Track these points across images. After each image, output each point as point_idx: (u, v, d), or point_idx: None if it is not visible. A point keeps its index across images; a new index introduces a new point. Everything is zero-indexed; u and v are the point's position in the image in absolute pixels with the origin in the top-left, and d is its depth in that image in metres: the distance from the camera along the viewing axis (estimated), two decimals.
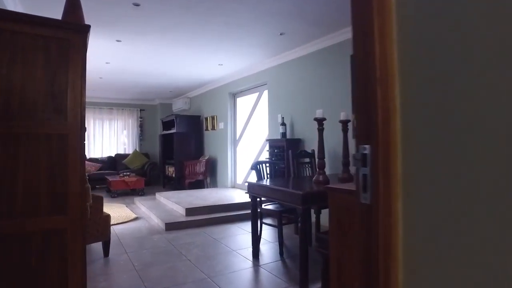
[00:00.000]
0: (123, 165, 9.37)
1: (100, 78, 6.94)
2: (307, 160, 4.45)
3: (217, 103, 7.77)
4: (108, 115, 9.91)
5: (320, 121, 3.26)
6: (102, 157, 9.59)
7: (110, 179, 7.45)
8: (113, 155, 9.73)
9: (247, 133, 6.98)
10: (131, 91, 8.59)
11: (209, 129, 8.14)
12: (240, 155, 7.22)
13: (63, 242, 1.88)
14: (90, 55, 5.65)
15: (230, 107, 7.35)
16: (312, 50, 4.89)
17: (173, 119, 8.16)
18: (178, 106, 9.44)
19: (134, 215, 5.34)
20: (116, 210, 5.73)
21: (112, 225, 4.81)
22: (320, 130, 3.27)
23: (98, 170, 8.98)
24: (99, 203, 3.36)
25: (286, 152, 4.96)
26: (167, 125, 8.81)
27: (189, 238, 4.17)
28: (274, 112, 5.76)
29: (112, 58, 5.53)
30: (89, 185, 2.58)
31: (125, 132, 10.18)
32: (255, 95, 6.66)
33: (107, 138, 9.91)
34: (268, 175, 3.96)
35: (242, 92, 7.08)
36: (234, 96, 7.37)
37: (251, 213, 3.42)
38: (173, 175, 8.19)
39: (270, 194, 3.03)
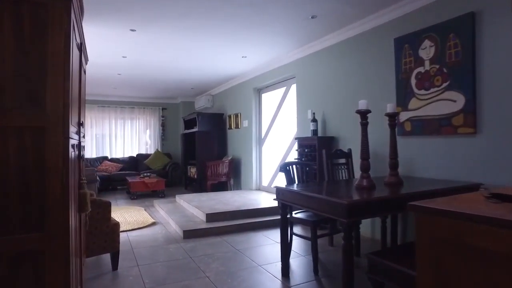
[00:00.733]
0: (144, 166, 9.09)
1: (119, 74, 6.62)
2: (343, 160, 3.89)
3: (241, 99, 7.30)
4: (130, 114, 9.65)
5: (363, 114, 2.69)
6: (123, 157, 9.35)
7: (129, 180, 7.13)
8: (135, 155, 9.47)
9: (273, 131, 6.46)
10: (152, 88, 8.27)
11: (232, 127, 7.67)
12: (266, 155, 6.70)
13: (37, 269, 1.43)
14: (105, 49, 5.34)
15: (255, 104, 6.86)
16: (348, 36, 4.30)
17: (195, 117, 7.75)
18: (201, 104, 9.05)
19: (151, 220, 4.94)
20: (133, 214, 5.36)
21: (127, 231, 4.43)
22: (364, 125, 2.70)
23: (119, 171, 8.72)
24: (106, 209, 2.94)
25: (318, 152, 4.41)
26: (189, 123, 8.43)
27: (209, 248, 3.69)
28: (304, 108, 5.20)
29: (129, 51, 5.15)
30: (87, 191, 2.15)
31: (148, 131, 9.90)
32: (282, 90, 6.13)
33: (128, 137, 9.66)
34: (299, 178, 3.42)
35: (268, 88, 6.57)
36: (259, 92, 6.87)
37: (280, 224, 2.90)
38: (195, 176, 7.79)
39: (304, 202, 2.49)
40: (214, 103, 8.88)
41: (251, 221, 4.54)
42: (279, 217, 2.93)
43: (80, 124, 2.13)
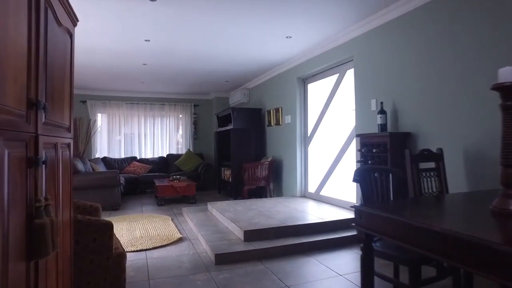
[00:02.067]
0: (175, 167, 8.34)
1: (144, 64, 5.85)
2: (431, 165, 2.78)
3: (282, 92, 6.31)
4: (160, 111, 8.96)
5: (508, 91, 1.61)
6: (153, 158, 8.66)
7: (156, 183, 6.36)
8: (165, 156, 8.75)
9: (322, 128, 5.41)
10: (182, 82, 7.48)
11: (272, 124, 6.70)
12: (313, 156, 5.67)
13: None
14: (124, 31, 4.46)
15: (299, 96, 5.84)
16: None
17: (230, 113, 6.86)
18: (236, 99, 8.17)
19: (177, 235, 4.08)
20: (157, 225, 4.53)
21: (147, 249, 3.58)
22: (508, 109, 1.62)
23: (147, 172, 8.03)
24: (105, 234, 2.07)
25: (390, 153, 3.33)
26: (223, 120, 7.56)
27: (248, 283, 2.74)
28: (365, 97, 4.13)
29: (152, 33, 4.33)
30: (49, 220, 1.26)
31: (180, 130, 9.16)
32: (334, 77, 5.07)
33: (158, 136, 8.97)
34: (379, 192, 2.36)
35: (315, 76, 5.53)
36: (304, 82, 5.84)
37: (362, 263, 1.87)
38: (230, 180, 6.90)
39: (416, 238, 1.45)
40: (251, 97, 7.96)
41: (300, 241, 3.54)
42: (334, 236, 1.95)
43: (34, 106, 1.25)
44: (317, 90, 5.56)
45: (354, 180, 2.24)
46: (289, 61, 5.82)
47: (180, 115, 9.17)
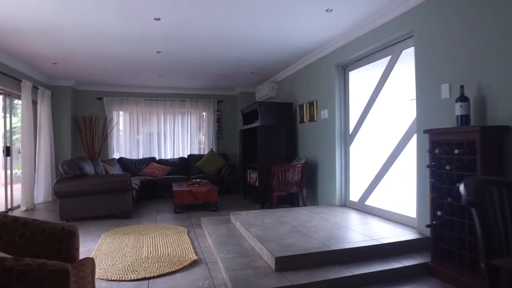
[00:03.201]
0: (196, 169, 7.61)
1: (158, 52, 5.11)
2: None
3: (318, 82, 5.40)
4: (180, 108, 8.25)
5: None
6: (173, 159, 7.97)
7: (174, 188, 5.62)
8: (186, 156, 8.04)
9: (368, 123, 4.46)
10: (203, 74, 6.71)
11: (305, 120, 5.81)
12: (356, 157, 4.73)
13: None
14: (127, 6, 3.46)
15: (339, 87, 4.91)
16: None
17: (256, 108, 6.02)
18: (263, 93, 7.33)
19: (191, 256, 3.28)
20: (170, 240, 3.76)
21: (151, 278, 2.80)
22: None
23: (166, 174, 7.34)
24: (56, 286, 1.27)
25: (481, 154, 2.37)
26: (248, 117, 6.73)
27: None
28: (433, 82, 3.17)
29: (162, 9, 3.57)
30: None
31: (203, 128, 8.43)
32: (383, 61, 4.12)
33: (178, 135, 8.27)
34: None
35: (359, 61, 4.59)
36: (344, 69, 4.91)
37: None
38: (257, 184, 6.07)
39: None
40: (280, 91, 7.09)
41: (350, 272, 2.64)
42: (395, 265, 1.55)
43: None
44: (361, 79, 4.61)
45: (467, 202, 1.33)
46: (326, 44, 4.90)
47: (203, 112, 8.44)
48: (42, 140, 6.55)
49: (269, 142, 5.90)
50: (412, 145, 3.53)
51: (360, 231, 3.43)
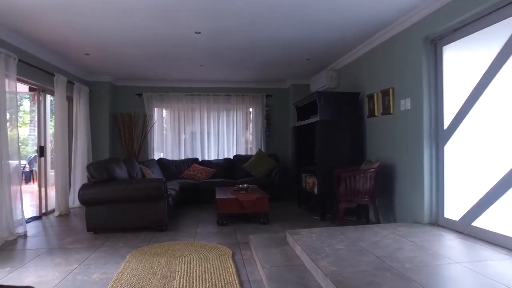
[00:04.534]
0: (243, 171, 6.74)
1: (197, 33, 4.27)
2: None
3: (395, 65, 4.26)
4: (225, 104, 7.44)
5: None
6: (217, 160, 7.17)
7: (217, 196, 4.76)
8: (231, 157, 7.21)
9: (475, 115, 3.25)
10: (250, 62, 5.80)
11: (376, 113, 4.67)
12: (455, 160, 3.53)
13: None
14: None
15: (427, 67, 3.74)
16: None
17: (315, 100, 4.97)
18: (320, 84, 6.27)
19: None
20: (208, 269, 2.87)
21: None
22: None
23: (210, 178, 6.55)
24: None
25: None
26: (304, 112, 5.70)
27: None
28: None
29: None
30: None
31: (251, 126, 7.56)
32: (502, 26, 2.90)
33: (223, 134, 7.46)
34: None
35: (460, 31, 3.39)
36: (435, 44, 3.73)
37: None
38: (315, 191, 5.04)
39: None
40: (340, 82, 5.99)
41: None
42: None
43: None
44: (464, 54, 3.41)
45: None
46: (411, 12, 3.76)
47: (250, 108, 7.56)
48: (78, 140, 6.06)
49: (330, 141, 4.84)
50: None
51: (483, 273, 2.28)
